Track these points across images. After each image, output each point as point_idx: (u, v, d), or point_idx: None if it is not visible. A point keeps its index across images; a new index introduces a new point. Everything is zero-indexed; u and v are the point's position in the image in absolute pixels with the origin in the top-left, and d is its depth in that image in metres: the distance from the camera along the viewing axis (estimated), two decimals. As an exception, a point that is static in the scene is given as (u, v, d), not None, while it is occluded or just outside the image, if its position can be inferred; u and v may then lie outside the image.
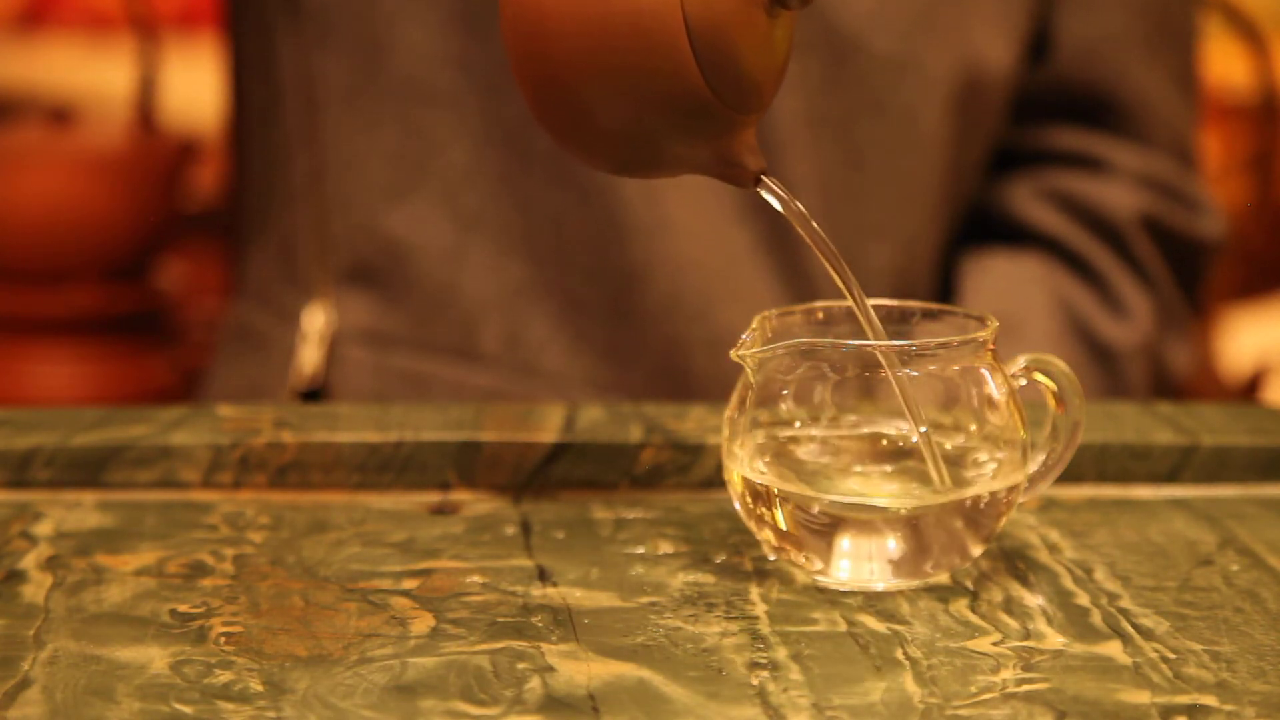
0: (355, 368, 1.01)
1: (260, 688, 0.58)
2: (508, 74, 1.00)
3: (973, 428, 0.67)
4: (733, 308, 0.97)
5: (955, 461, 0.67)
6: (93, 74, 2.33)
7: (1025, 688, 0.59)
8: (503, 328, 0.99)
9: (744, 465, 0.66)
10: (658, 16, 0.60)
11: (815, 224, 0.65)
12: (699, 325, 0.97)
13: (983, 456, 0.67)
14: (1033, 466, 0.69)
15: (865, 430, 0.69)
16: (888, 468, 0.69)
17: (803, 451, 0.68)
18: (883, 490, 0.68)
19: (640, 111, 0.62)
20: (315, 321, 1.02)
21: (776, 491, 0.65)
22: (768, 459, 0.67)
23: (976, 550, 0.67)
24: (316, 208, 1.02)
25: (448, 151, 0.98)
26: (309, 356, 1.02)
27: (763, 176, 0.65)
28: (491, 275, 0.99)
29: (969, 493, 0.66)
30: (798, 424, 0.68)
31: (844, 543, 0.66)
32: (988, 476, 0.66)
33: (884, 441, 0.69)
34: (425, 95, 0.98)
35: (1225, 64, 1.76)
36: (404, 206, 0.99)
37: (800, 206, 0.65)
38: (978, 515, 0.66)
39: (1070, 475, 0.74)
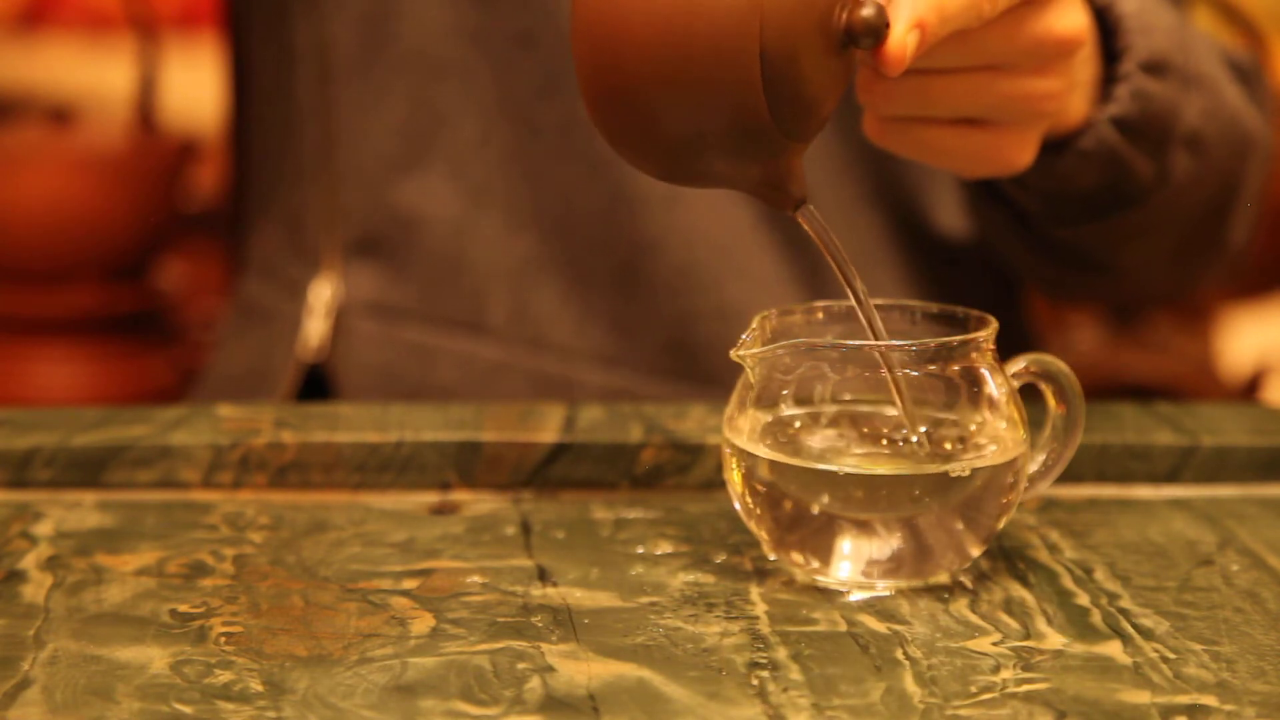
0: (362, 340, 1.00)
1: (260, 688, 0.58)
2: (518, 46, 0.98)
3: (972, 427, 0.67)
4: (741, 281, 0.97)
5: (954, 454, 0.67)
6: (93, 74, 2.33)
7: (1025, 688, 0.59)
8: (510, 300, 0.98)
9: (744, 439, 0.66)
10: (736, 37, 0.61)
11: (843, 250, 0.66)
12: (708, 297, 0.97)
13: (983, 439, 0.67)
14: (1033, 466, 0.69)
15: (864, 416, 0.69)
16: (886, 451, 0.69)
17: (803, 436, 0.68)
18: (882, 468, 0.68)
19: (700, 125, 0.63)
20: (322, 294, 1.02)
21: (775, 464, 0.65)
22: (769, 443, 0.67)
23: (976, 550, 0.67)
24: (326, 180, 1.02)
25: (457, 123, 0.98)
26: (315, 329, 1.01)
27: (803, 204, 0.66)
28: (499, 247, 0.98)
29: (967, 466, 0.65)
30: (798, 424, 0.68)
31: (844, 543, 0.66)
32: (986, 458, 0.66)
33: (884, 428, 0.69)
34: (435, 67, 0.98)
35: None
36: (412, 178, 0.99)
37: (835, 239, 0.66)
38: (977, 507, 0.66)
39: (1070, 475, 0.74)
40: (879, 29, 0.64)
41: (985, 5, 0.68)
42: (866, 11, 0.64)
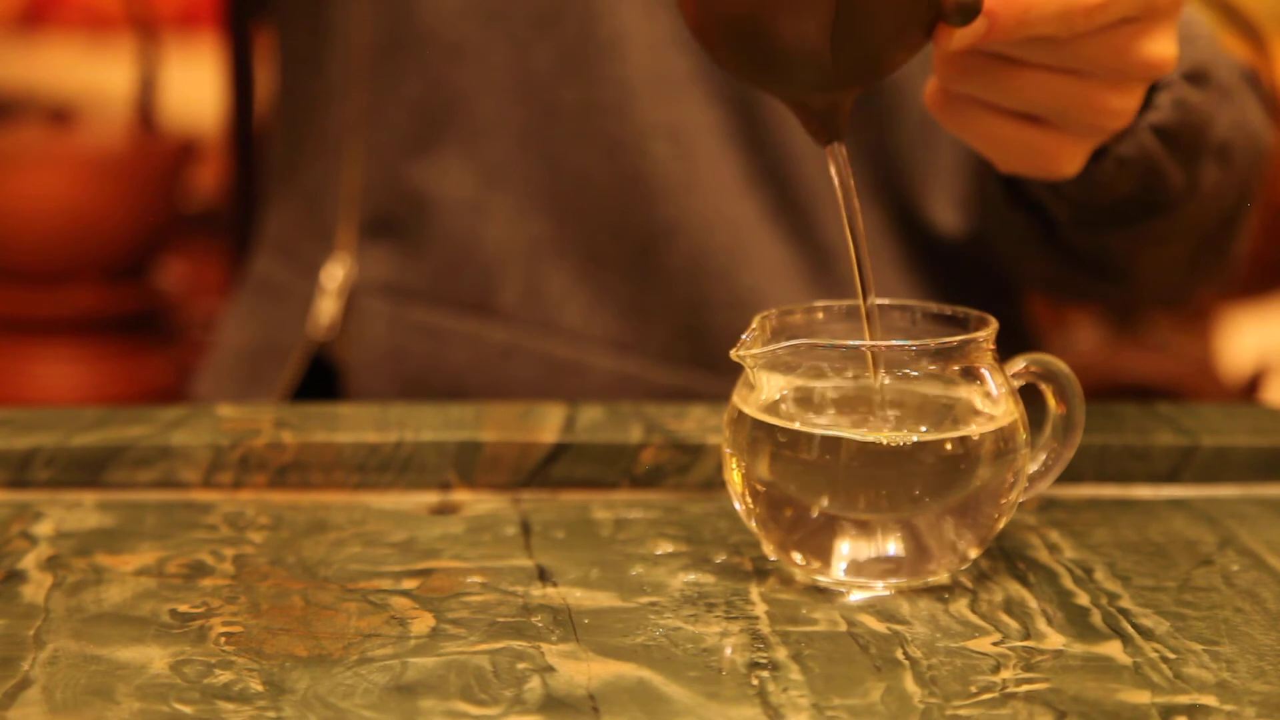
0: (372, 320, 1.00)
1: (260, 688, 0.58)
2: (535, 27, 0.97)
3: (973, 427, 0.67)
4: (754, 270, 0.97)
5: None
6: (93, 74, 2.33)
7: (1025, 688, 0.59)
8: (522, 282, 0.98)
9: (750, 407, 0.66)
10: None
11: (857, 200, 0.67)
12: (721, 285, 0.96)
13: (984, 423, 0.67)
14: (1033, 466, 0.69)
15: (865, 411, 0.69)
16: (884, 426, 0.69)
17: (802, 415, 0.68)
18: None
19: (772, 37, 0.64)
20: (335, 274, 1.01)
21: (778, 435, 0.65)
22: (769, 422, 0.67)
23: (975, 551, 0.67)
24: (346, 159, 1.01)
25: (472, 104, 0.98)
26: (326, 308, 1.01)
27: (835, 141, 0.67)
28: (513, 229, 0.98)
29: (963, 434, 0.65)
30: (797, 424, 0.68)
31: (844, 544, 0.66)
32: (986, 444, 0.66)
33: (884, 425, 0.69)
34: (451, 47, 0.98)
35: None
36: (427, 159, 0.99)
37: (853, 185, 0.67)
38: (976, 507, 0.65)
39: (1070, 475, 0.74)
40: (969, 10, 0.64)
41: (1079, 19, 0.67)
42: None
